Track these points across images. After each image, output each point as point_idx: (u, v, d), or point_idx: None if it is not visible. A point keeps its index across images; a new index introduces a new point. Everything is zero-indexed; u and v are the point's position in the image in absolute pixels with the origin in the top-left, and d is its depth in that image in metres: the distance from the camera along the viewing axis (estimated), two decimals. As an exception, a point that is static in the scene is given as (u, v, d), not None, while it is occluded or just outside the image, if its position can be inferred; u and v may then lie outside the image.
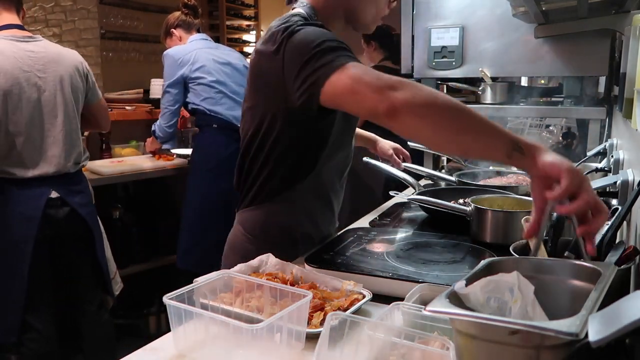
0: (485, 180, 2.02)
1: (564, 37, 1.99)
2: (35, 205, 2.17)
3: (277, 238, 1.37)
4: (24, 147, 2.14)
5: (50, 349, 2.29)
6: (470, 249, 1.34)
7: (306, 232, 1.41)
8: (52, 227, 2.22)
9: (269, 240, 1.35)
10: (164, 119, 2.93)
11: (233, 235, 1.45)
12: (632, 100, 1.11)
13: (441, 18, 2.21)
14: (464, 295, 0.67)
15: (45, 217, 2.18)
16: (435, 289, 0.96)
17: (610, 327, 0.50)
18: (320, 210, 1.44)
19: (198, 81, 2.85)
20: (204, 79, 2.84)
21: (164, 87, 2.90)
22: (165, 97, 2.91)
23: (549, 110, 2.34)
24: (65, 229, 2.27)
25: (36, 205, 2.17)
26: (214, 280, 0.98)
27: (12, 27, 2.18)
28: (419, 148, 2.31)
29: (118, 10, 4.48)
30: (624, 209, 0.92)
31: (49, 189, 2.20)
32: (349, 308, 0.98)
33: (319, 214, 1.44)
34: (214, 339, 0.88)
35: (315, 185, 1.37)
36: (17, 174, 2.14)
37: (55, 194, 2.22)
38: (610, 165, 1.39)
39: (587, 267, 0.76)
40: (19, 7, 2.25)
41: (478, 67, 2.18)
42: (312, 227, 1.43)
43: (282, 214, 1.37)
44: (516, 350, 0.60)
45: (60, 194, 2.23)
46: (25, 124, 2.14)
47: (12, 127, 2.12)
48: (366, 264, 1.21)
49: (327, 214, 1.47)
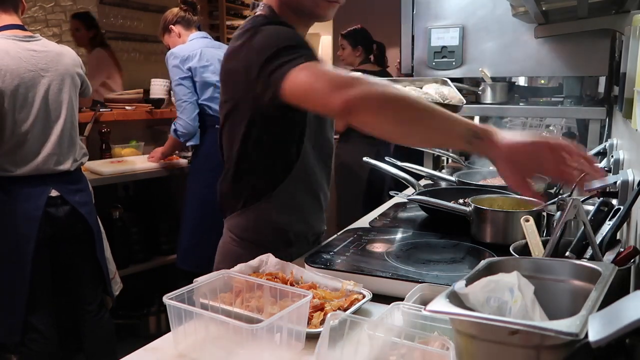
0: (485, 180, 2.02)
1: (564, 37, 1.99)
2: (36, 204, 2.17)
3: (269, 238, 1.34)
4: (28, 145, 2.14)
5: (51, 350, 2.29)
6: (470, 249, 1.34)
7: (298, 230, 1.39)
8: (53, 225, 2.22)
9: (261, 243, 1.32)
10: (185, 114, 2.80)
11: (223, 243, 1.42)
12: (632, 100, 1.11)
13: (441, 18, 2.21)
14: (464, 295, 0.67)
15: (46, 216, 2.18)
16: (435, 289, 0.96)
17: (610, 327, 0.50)
18: (309, 204, 1.42)
19: (204, 79, 2.81)
20: (209, 78, 2.82)
21: (176, 81, 2.81)
22: (179, 90, 2.81)
23: (549, 110, 2.34)
24: (65, 227, 2.26)
25: (37, 204, 2.17)
26: (214, 280, 0.98)
27: (13, 28, 2.18)
28: (419, 148, 2.31)
29: (118, 10, 4.48)
30: (624, 209, 0.92)
31: (48, 187, 2.20)
32: (349, 308, 0.98)
33: (309, 209, 1.42)
34: (214, 339, 0.88)
35: (301, 177, 1.35)
36: (18, 172, 2.14)
37: (55, 193, 2.22)
38: (610, 166, 1.39)
39: (587, 267, 0.76)
40: (17, 6, 2.24)
41: (478, 67, 2.18)
42: (304, 224, 1.41)
43: (273, 212, 1.35)
44: (516, 350, 0.61)
45: (60, 192, 2.23)
46: (32, 123, 2.14)
47: (19, 126, 2.12)
48: (366, 264, 1.21)
49: (316, 207, 1.44)
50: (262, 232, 1.35)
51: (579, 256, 0.90)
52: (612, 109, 2.00)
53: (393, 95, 1.03)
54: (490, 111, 2.33)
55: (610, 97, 2.06)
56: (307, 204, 1.41)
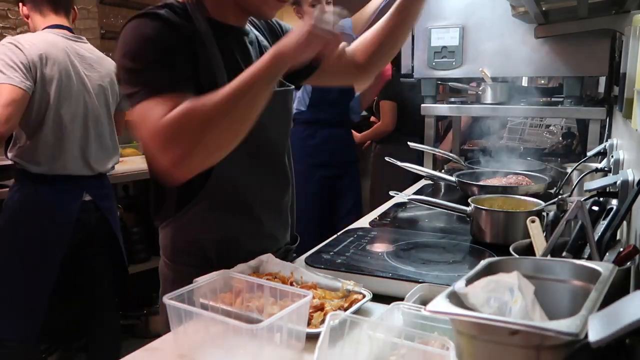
0: (485, 180, 2.02)
1: (564, 37, 1.99)
2: (70, 209, 2.16)
3: (184, 259, 1.21)
4: (67, 142, 2.14)
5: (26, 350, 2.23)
6: (470, 249, 1.35)
7: (221, 249, 1.19)
8: (83, 231, 2.21)
9: (180, 263, 1.21)
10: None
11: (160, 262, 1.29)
12: (632, 100, 1.11)
13: (441, 18, 2.21)
14: (464, 295, 0.67)
15: (78, 221, 2.17)
16: (435, 289, 0.96)
17: (610, 327, 0.50)
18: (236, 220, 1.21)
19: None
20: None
21: None
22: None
23: (549, 110, 2.34)
24: (94, 233, 2.27)
25: (70, 208, 2.16)
26: (214, 280, 0.98)
27: (60, 28, 2.22)
28: (419, 148, 2.31)
29: (118, 10, 4.47)
30: (624, 209, 0.92)
31: (82, 191, 2.20)
32: (349, 308, 0.98)
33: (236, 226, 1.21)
34: (214, 339, 0.88)
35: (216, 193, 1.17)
36: (56, 169, 2.13)
37: (88, 197, 2.21)
38: (610, 165, 1.39)
39: (587, 267, 0.76)
40: (68, 9, 2.27)
41: (478, 67, 2.18)
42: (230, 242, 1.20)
43: (186, 230, 1.19)
44: (516, 351, 0.60)
45: (93, 197, 2.23)
46: (72, 119, 2.15)
47: (61, 119, 2.12)
48: (366, 264, 1.21)
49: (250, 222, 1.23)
50: (180, 251, 1.22)
51: (576, 256, 0.91)
52: (612, 109, 2.00)
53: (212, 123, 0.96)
54: (490, 111, 2.33)
55: (610, 97, 2.06)
56: (231, 221, 1.21)
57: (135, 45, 1.04)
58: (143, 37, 1.04)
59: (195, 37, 1.10)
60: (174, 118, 0.95)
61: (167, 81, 1.01)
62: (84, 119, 2.20)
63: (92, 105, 2.22)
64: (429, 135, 2.44)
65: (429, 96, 2.37)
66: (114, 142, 2.36)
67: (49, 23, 2.20)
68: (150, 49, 1.03)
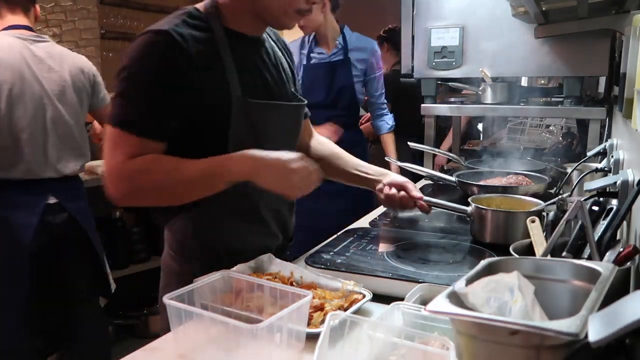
0: (485, 180, 2.02)
1: (564, 37, 1.99)
2: (33, 212, 2.12)
3: (196, 255, 1.23)
4: (25, 146, 2.11)
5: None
6: (470, 249, 1.35)
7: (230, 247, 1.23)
8: (49, 234, 2.17)
9: (190, 258, 1.24)
10: None
11: (163, 257, 1.32)
12: (632, 100, 1.11)
13: (441, 18, 2.21)
14: (464, 295, 0.67)
15: (43, 224, 2.13)
16: (435, 289, 0.96)
17: (610, 327, 0.50)
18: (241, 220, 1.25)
19: None
20: None
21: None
22: None
23: (549, 110, 2.34)
24: (62, 235, 2.22)
25: (33, 211, 2.12)
26: (214, 280, 0.98)
27: (19, 28, 2.18)
28: (419, 148, 2.31)
29: (118, 10, 4.47)
30: (623, 209, 0.92)
31: (47, 194, 2.16)
32: (349, 308, 0.98)
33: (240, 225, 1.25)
34: (214, 339, 0.88)
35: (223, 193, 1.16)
36: (14, 174, 2.11)
37: (53, 199, 2.18)
38: (610, 165, 1.39)
39: (587, 267, 0.76)
40: (27, 7, 2.23)
41: (478, 67, 2.18)
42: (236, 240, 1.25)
43: (196, 228, 1.23)
44: (516, 351, 0.60)
45: (59, 200, 2.19)
46: (28, 122, 2.12)
47: (15, 123, 2.09)
48: (366, 264, 1.21)
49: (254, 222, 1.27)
50: (189, 247, 1.25)
51: (576, 256, 0.91)
52: (612, 109, 2.00)
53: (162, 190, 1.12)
54: (490, 111, 2.33)
55: (610, 97, 2.06)
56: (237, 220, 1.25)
57: (137, 67, 1.09)
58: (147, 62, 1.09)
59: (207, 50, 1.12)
60: (132, 169, 1.08)
61: (146, 125, 1.09)
62: (43, 122, 2.15)
63: (52, 108, 2.17)
64: (429, 135, 2.44)
65: (429, 96, 2.37)
66: (85, 142, 2.31)
67: (7, 24, 2.17)
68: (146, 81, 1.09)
